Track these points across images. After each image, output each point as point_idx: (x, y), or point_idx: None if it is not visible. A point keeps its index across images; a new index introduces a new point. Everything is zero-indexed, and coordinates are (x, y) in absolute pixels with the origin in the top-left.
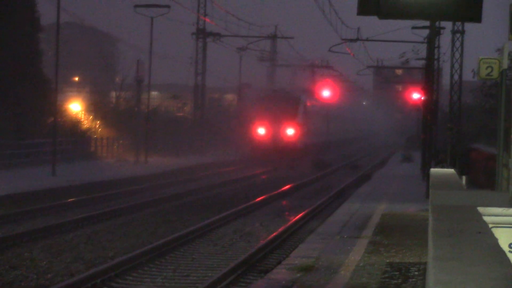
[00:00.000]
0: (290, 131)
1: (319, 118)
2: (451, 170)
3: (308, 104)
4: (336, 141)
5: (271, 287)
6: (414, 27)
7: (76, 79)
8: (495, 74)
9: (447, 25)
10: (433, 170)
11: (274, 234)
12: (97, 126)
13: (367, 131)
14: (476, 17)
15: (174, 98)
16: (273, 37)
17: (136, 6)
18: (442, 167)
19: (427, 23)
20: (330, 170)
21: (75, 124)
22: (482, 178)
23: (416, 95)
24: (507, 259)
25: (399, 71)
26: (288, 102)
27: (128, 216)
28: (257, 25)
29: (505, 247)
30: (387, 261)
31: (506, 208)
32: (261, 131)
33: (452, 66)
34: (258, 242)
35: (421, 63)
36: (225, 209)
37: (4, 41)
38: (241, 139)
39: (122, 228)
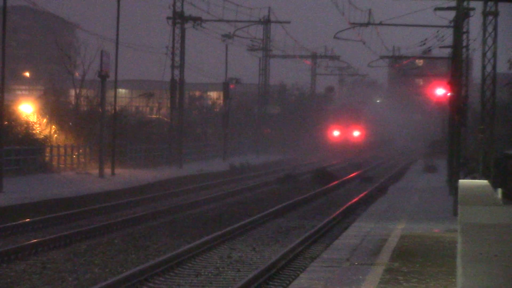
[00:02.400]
0: (356, 133)
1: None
2: (484, 182)
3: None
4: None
5: None
6: (437, 8)
7: (27, 74)
8: None
9: (478, 5)
10: (462, 182)
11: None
12: (53, 131)
13: (383, 134)
14: None
15: (145, 96)
16: (266, 22)
17: None
18: (473, 178)
19: (453, 3)
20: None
21: (26, 129)
22: None
23: (441, 91)
24: None
25: (419, 62)
26: (354, 112)
27: (91, 240)
28: (247, 7)
29: None
30: None
31: None
32: (336, 133)
33: (484, 55)
34: (251, 271)
35: (447, 52)
36: (214, 229)
37: None
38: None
39: (85, 255)
